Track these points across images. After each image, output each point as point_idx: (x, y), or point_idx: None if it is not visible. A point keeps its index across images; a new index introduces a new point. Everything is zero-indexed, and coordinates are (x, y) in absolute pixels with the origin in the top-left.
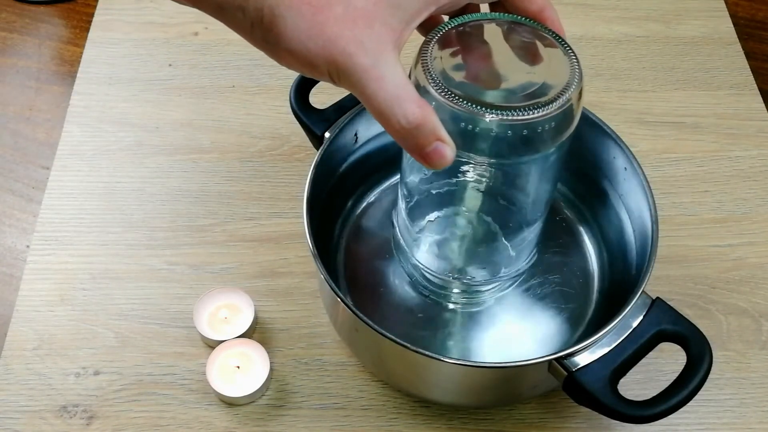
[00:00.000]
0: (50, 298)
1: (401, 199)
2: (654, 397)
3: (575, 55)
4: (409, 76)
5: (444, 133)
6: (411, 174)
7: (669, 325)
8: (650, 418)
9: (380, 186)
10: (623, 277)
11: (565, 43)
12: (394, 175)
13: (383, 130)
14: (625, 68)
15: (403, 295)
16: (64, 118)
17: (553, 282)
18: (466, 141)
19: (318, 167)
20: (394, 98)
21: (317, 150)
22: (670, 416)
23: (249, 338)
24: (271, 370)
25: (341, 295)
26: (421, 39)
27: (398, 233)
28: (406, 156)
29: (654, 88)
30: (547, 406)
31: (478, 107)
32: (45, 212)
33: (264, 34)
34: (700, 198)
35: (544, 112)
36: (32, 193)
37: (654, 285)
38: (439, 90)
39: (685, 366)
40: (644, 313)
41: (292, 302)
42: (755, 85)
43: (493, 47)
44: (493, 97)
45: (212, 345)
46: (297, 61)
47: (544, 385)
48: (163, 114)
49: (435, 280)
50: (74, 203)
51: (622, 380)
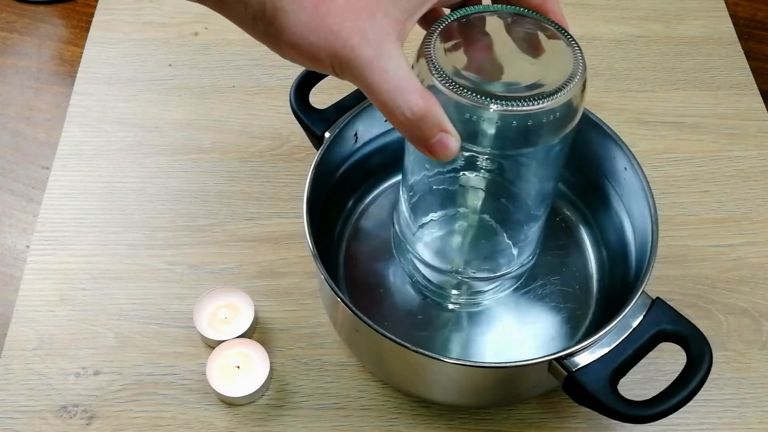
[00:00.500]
0: (50, 298)
1: (403, 196)
2: (654, 397)
3: (578, 46)
4: (412, 68)
5: (448, 124)
6: (414, 169)
7: (669, 325)
8: (650, 418)
9: (380, 186)
10: (623, 277)
11: (568, 34)
12: (394, 175)
13: (383, 130)
14: (625, 68)
15: (403, 296)
16: (64, 118)
17: (553, 282)
18: (471, 132)
19: (318, 167)
20: (397, 90)
21: (317, 150)
22: (670, 416)
23: (249, 338)
24: (271, 370)
25: (341, 295)
26: (422, 34)
27: (399, 232)
28: (409, 151)
29: (654, 88)
30: (547, 406)
31: (483, 98)
32: (45, 212)
33: (266, 27)
34: (700, 198)
35: (549, 103)
36: (32, 193)
37: (654, 285)
38: (443, 81)
39: (685, 366)
40: (644, 313)
41: (292, 302)
42: (755, 85)
43: (496, 39)
44: (496, 88)
45: (212, 345)
46: (299, 55)
47: (544, 386)
48: (163, 114)
49: (435, 279)
50: (74, 203)
51: (622, 380)
